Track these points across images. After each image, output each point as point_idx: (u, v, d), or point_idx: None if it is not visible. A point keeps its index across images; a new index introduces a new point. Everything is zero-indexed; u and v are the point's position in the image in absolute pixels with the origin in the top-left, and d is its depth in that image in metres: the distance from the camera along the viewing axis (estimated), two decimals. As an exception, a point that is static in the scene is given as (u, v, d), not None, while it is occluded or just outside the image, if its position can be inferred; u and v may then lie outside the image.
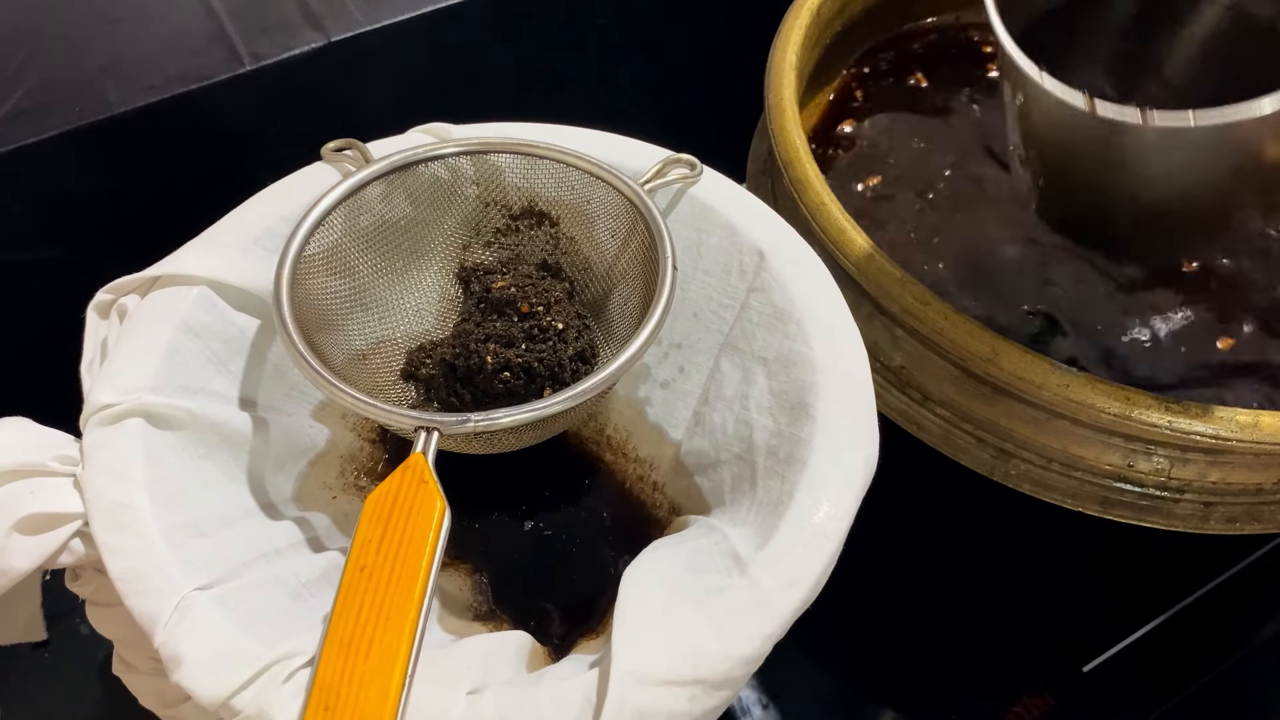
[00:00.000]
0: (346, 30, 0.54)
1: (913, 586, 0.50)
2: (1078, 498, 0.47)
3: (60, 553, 0.34)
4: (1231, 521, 0.46)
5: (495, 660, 0.35)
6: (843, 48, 0.63)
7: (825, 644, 0.48)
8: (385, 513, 0.32)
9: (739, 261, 0.43)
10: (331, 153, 0.43)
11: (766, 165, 0.56)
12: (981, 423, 0.46)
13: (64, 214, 0.52)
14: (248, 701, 0.30)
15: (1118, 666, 0.48)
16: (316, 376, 0.35)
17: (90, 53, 0.52)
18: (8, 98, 0.49)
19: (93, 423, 0.35)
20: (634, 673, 0.30)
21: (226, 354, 0.41)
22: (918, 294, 0.44)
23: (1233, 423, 0.41)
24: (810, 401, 0.38)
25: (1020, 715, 0.47)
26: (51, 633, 0.39)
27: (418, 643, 0.30)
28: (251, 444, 0.41)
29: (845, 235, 0.46)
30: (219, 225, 0.41)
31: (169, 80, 0.51)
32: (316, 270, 0.40)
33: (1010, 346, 0.43)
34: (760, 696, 0.46)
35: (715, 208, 0.43)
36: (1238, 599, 0.51)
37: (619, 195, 0.42)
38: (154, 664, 0.35)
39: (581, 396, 0.36)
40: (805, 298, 0.40)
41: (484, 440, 0.38)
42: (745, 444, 0.40)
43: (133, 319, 0.39)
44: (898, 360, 0.48)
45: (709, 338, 0.44)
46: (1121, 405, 0.41)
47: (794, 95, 0.52)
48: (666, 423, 0.46)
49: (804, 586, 0.33)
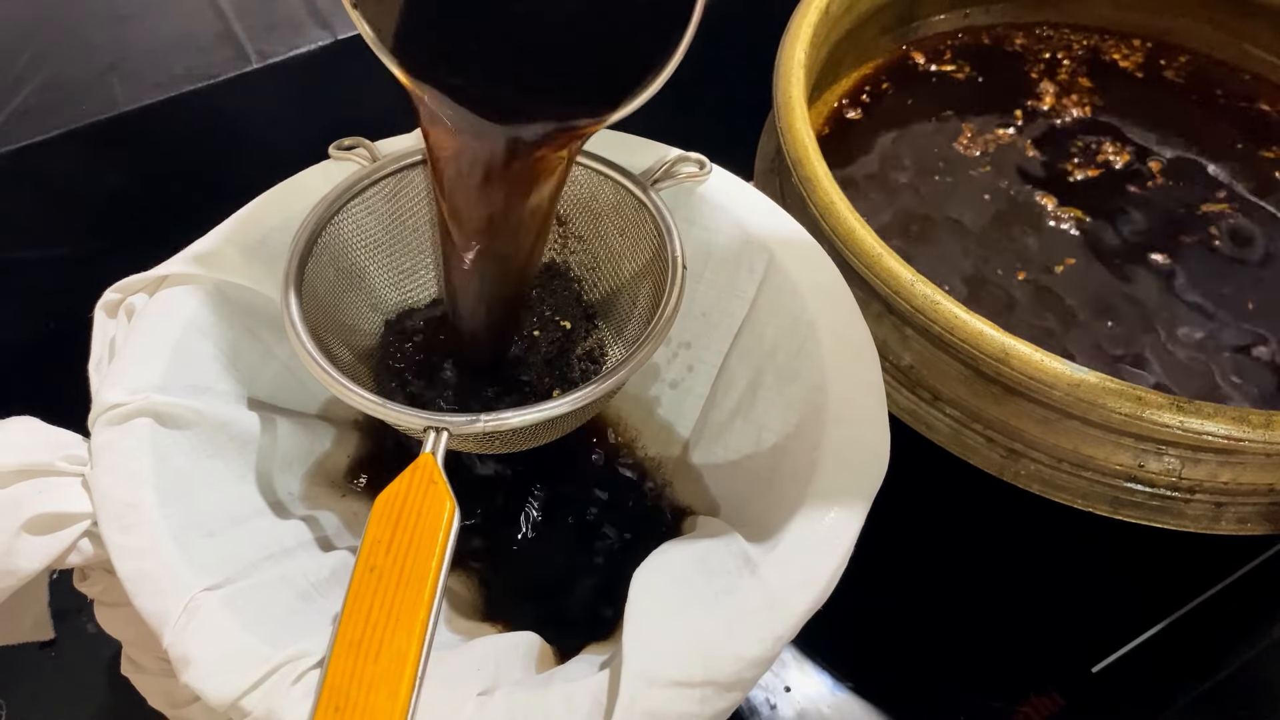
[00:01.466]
0: (353, 28, 0.54)
1: (922, 586, 0.50)
2: (1088, 498, 0.46)
3: (69, 553, 0.34)
4: (1243, 522, 0.46)
5: (505, 661, 0.35)
6: (852, 46, 0.63)
7: (833, 643, 0.48)
8: (395, 513, 0.32)
9: (748, 260, 0.42)
10: (339, 151, 0.43)
11: (775, 164, 0.56)
12: (991, 422, 0.46)
13: (71, 212, 0.52)
14: (257, 702, 0.30)
15: (1127, 667, 0.48)
16: (325, 376, 0.35)
17: (97, 51, 0.52)
18: (15, 96, 0.49)
19: (101, 422, 0.35)
20: (644, 674, 0.30)
21: (234, 353, 0.41)
22: (927, 293, 0.44)
23: (1245, 423, 0.41)
24: (820, 401, 0.37)
25: (1029, 715, 0.46)
26: (59, 632, 0.39)
27: (428, 644, 0.29)
28: (260, 443, 0.40)
29: (854, 234, 0.46)
30: (227, 224, 0.41)
31: (176, 78, 0.51)
32: (324, 269, 0.40)
33: (1021, 346, 0.42)
34: (769, 697, 0.46)
35: (724, 206, 0.43)
36: (1248, 600, 0.50)
37: (627, 194, 0.42)
38: (162, 664, 0.35)
39: (590, 397, 0.36)
40: (814, 296, 0.40)
41: (493, 440, 0.38)
42: (755, 444, 0.40)
43: (141, 318, 0.38)
44: (907, 360, 0.48)
45: (718, 337, 0.44)
46: (1133, 405, 0.41)
47: (803, 93, 0.52)
48: (676, 422, 0.46)
49: (815, 588, 0.33)
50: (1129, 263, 0.55)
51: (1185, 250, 0.56)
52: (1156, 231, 0.57)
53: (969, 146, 0.61)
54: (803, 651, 0.47)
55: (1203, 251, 0.56)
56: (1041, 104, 0.64)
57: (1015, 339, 0.42)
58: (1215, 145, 0.62)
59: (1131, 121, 0.63)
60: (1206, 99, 0.65)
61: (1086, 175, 0.60)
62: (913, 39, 0.67)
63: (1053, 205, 0.58)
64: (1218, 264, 0.56)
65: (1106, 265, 0.55)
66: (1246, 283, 0.55)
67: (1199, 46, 0.68)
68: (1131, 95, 0.65)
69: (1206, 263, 0.56)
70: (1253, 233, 0.57)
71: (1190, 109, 0.64)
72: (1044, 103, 0.64)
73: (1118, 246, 0.56)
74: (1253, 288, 0.55)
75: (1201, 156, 0.61)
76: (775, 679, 0.46)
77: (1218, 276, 0.55)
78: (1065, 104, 0.64)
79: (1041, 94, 0.65)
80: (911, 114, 0.63)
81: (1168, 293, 0.54)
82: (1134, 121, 0.63)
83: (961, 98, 0.64)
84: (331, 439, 0.44)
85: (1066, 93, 0.64)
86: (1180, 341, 0.52)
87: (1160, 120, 0.63)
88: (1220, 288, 0.54)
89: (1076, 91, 0.65)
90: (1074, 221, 0.57)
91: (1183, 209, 0.58)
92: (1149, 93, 0.65)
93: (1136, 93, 0.65)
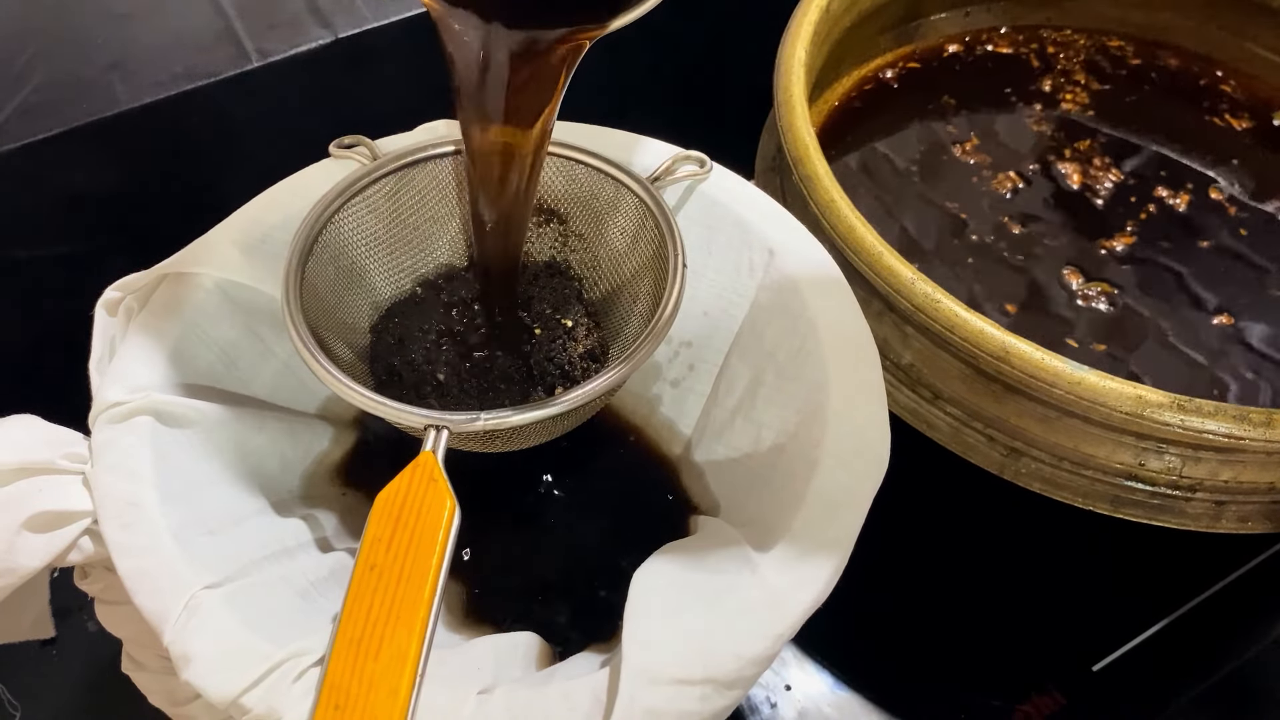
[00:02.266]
0: (354, 27, 0.54)
1: (922, 585, 0.50)
2: (1088, 496, 0.46)
3: (69, 551, 0.34)
4: (1243, 520, 0.46)
5: (505, 660, 0.35)
6: (853, 44, 0.63)
7: (833, 641, 0.48)
8: (395, 511, 0.32)
9: (749, 259, 0.42)
10: (339, 150, 0.43)
11: (775, 162, 0.56)
12: (992, 421, 0.46)
13: (71, 211, 0.52)
14: (257, 700, 0.30)
15: (1127, 666, 0.48)
16: (325, 374, 0.35)
17: (98, 49, 0.52)
18: (15, 94, 0.49)
19: (101, 420, 0.35)
20: (644, 672, 0.30)
21: (235, 352, 0.41)
22: (928, 291, 0.44)
23: (1246, 421, 0.41)
24: (820, 400, 0.37)
25: (1029, 714, 0.46)
26: (59, 630, 0.39)
27: (428, 642, 0.29)
28: (260, 442, 0.41)
29: (855, 232, 0.46)
30: (227, 222, 0.41)
31: (176, 77, 0.51)
32: (325, 268, 0.40)
33: (1021, 344, 0.42)
34: (769, 695, 0.46)
35: (725, 205, 0.43)
36: (1249, 598, 0.50)
37: (628, 192, 0.42)
38: (163, 662, 0.35)
39: (591, 395, 0.36)
40: (815, 295, 0.40)
41: (493, 439, 0.38)
42: (755, 442, 0.40)
43: (141, 317, 0.39)
44: (908, 358, 0.48)
45: (719, 336, 0.44)
46: (1133, 403, 0.41)
47: (803, 92, 0.52)
48: (677, 421, 0.46)
49: (815, 587, 0.33)
50: (1129, 263, 0.55)
51: (1186, 250, 0.56)
52: (1157, 232, 0.57)
53: (968, 146, 0.61)
54: (803, 650, 0.47)
55: (1203, 251, 0.56)
56: (1042, 103, 0.64)
57: (1016, 337, 0.42)
58: (1216, 145, 0.62)
59: (1132, 121, 0.63)
60: (1206, 98, 0.65)
61: (1087, 175, 0.60)
62: (914, 38, 0.67)
63: (1053, 205, 0.58)
64: (1218, 264, 0.56)
65: (1107, 265, 0.55)
66: (1247, 283, 0.55)
67: (1200, 46, 0.67)
68: (1132, 94, 0.65)
69: (1207, 263, 0.56)
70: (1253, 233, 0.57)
71: (1192, 109, 0.64)
72: (1045, 102, 0.64)
73: (1117, 246, 0.56)
74: (1253, 288, 0.55)
75: (1202, 156, 0.61)
76: (776, 677, 0.46)
77: (1218, 277, 0.55)
78: (1066, 103, 0.64)
79: (1042, 93, 0.65)
80: (912, 113, 0.63)
81: (1168, 293, 0.54)
82: (1135, 121, 0.63)
83: (962, 96, 0.64)
84: (331, 437, 0.44)
85: (1068, 92, 0.64)
86: (1180, 341, 0.52)
87: (1162, 120, 0.63)
88: (1221, 288, 0.54)
89: (1078, 91, 0.65)
90: (1074, 221, 0.57)
91: (1183, 210, 0.58)
92: (1150, 92, 0.65)
93: (1137, 92, 0.65)
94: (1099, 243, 0.56)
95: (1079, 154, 0.61)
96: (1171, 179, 0.60)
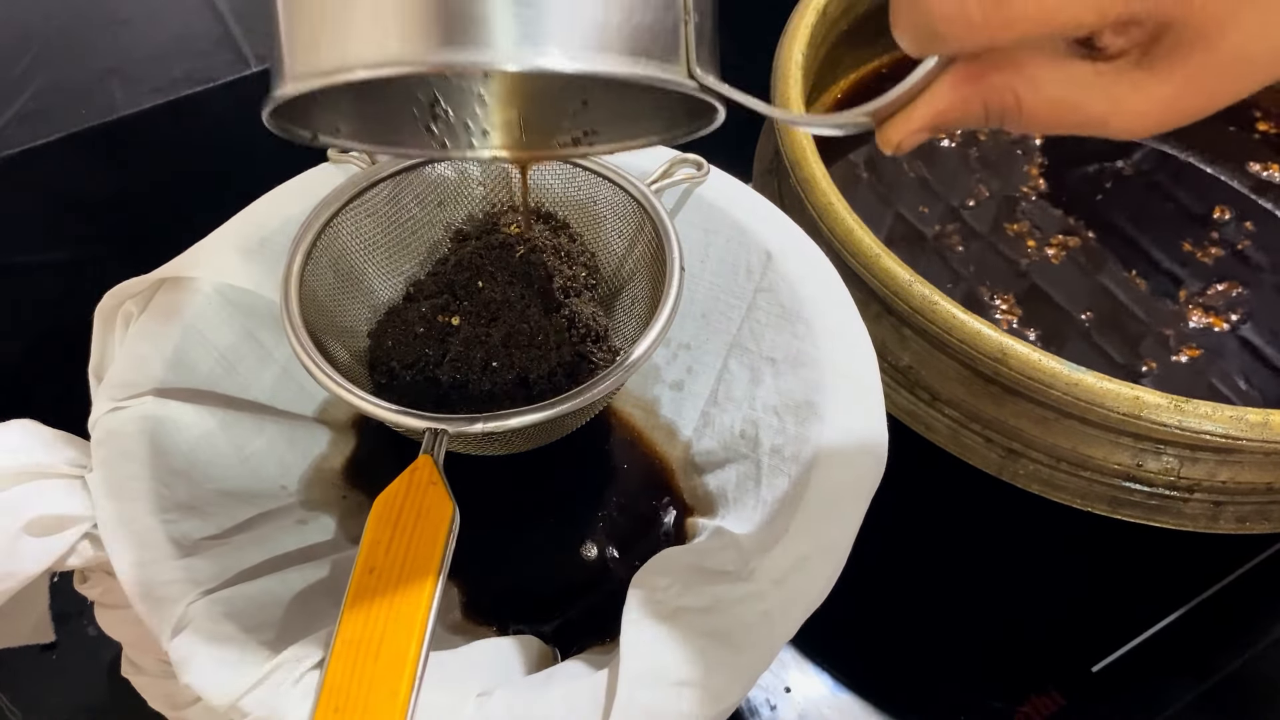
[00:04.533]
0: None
1: (921, 586, 0.50)
2: (1086, 497, 0.46)
3: (69, 555, 0.34)
4: (1241, 521, 0.46)
5: (504, 662, 0.35)
6: (849, 47, 0.63)
7: (833, 643, 0.48)
8: (394, 514, 0.32)
9: (746, 261, 0.42)
10: (338, 154, 0.43)
11: (773, 165, 0.56)
12: (990, 422, 0.46)
13: (70, 216, 0.52)
14: (257, 703, 0.30)
15: (1126, 666, 0.48)
16: (324, 378, 0.35)
17: (96, 55, 0.52)
18: (14, 101, 0.49)
19: (101, 425, 0.35)
20: (643, 674, 0.30)
21: (234, 356, 0.41)
22: (925, 293, 0.44)
23: (1243, 421, 0.41)
24: (818, 402, 0.37)
25: (1029, 715, 0.46)
26: (59, 634, 0.40)
27: (427, 644, 0.30)
28: (259, 445, 0.41)
29: (853, 235, 0.46)
30: (226, 227, 0.41)
31: (174, 82, 0.51)
32: (324, 272, 0.40)
33: (1018, 345, 0.42)
34: (768, 697, 0.46)
35: (722, 208, 0.43)
36: (1247, 598, 0.50)
37: (626, 195, 0.42)
38: (163, 666, 0.35)
39: (589, 398, 0.36)
40: (813, 298, 0.40)
41: (492, 441, 0.38)
42: (753, 444, 0.40)
43: (140, 321, 0.39)
44: (906, 360, 0.48)
45: (717, 338, 0.44)
46: (1131, 404, 0.41)
47: (800, 94, 0.52)
48: (675, 423, 0.46)
49: (813, 589, 0.33)
50: (1129, 262, 0.55)
51: (1186, 250, 0.56)
52: (1157, 232, 0.57)
53: (967, 146, 0.61)
54: (803, 652, 0.47)
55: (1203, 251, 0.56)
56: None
57: (1013, 339, 0.43)
58: (1215, 146, 0.62)
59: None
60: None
61: (1085, 175, 0.60)
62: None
63: (1050, 204, 0.58)
64: (1218, 264, 0.56)
65: (1105, 265, 0.55)
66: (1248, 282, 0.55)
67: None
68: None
69: (1207, 262, 0.56)
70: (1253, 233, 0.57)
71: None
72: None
73: (1118, 246, 0.56)
74: (1254, 287, 0.55)
75: (1202, 155, 0.61)
76: (775, 679, 0.46)
77: (1218, 276, 0.55)
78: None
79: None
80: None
81: (1168, 293, 0.54)
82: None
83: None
84: (330, 441, 0.44)
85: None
86: (1180, 342, 0.52)
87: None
88: (1221, 287, 0.54)
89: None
90: (1073, 221, 0.57)
91: (1183, 210, 0.58)
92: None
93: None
94: (1098, 239, 0.56)
95: (1078, 152, 0.61)
96: (1171, 174, 0.60)
